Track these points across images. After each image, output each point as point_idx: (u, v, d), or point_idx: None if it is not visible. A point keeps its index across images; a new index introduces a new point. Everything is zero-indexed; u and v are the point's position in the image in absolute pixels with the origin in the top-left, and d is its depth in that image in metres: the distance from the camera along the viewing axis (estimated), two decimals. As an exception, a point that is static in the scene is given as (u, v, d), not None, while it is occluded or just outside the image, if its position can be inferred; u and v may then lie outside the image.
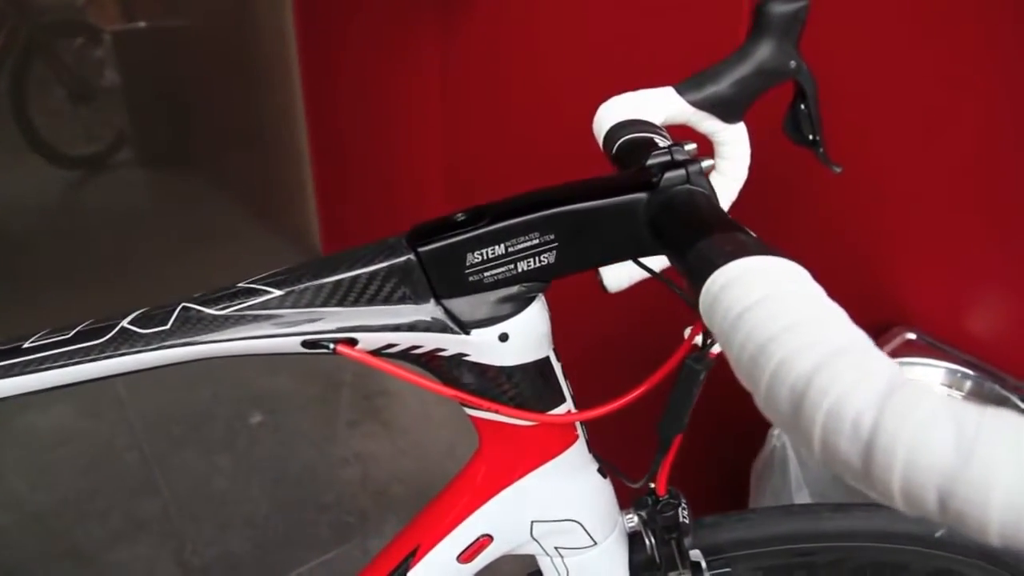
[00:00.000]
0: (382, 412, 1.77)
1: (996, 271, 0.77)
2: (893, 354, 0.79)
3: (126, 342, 0.40)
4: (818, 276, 0.28)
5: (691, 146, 0.41)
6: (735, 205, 0.58)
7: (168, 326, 0.40)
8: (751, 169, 0.57)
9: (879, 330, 0.82)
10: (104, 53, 2.77)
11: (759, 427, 0.81)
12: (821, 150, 0.55)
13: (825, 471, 0.71)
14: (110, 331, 0.41)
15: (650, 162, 0.39)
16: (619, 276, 0.59)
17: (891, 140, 0.80)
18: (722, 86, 0.53)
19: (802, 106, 0.54)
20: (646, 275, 0.60)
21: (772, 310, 0.25)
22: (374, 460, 1.62)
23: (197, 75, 2.55)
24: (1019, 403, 0.74)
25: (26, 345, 0.41)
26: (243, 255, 2.38)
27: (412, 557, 0.49)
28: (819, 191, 0.87)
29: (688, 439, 0.49)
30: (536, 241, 0.39)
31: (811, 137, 0.55)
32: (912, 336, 0.81)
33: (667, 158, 0.39)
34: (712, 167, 0.39)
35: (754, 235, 0.32)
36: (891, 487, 0.20)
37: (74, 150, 2.81)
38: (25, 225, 2.50)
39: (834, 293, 0.27)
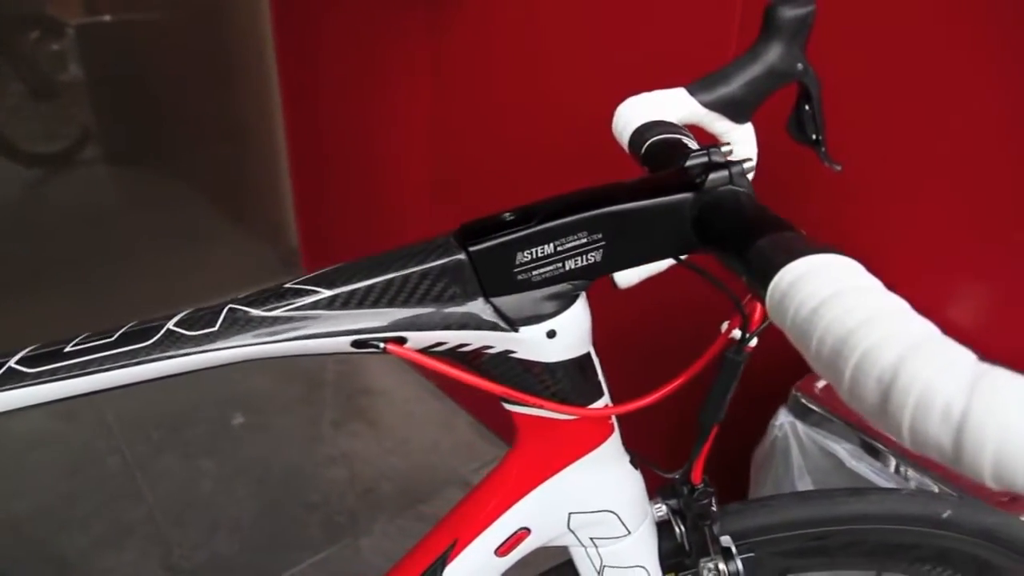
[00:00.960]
0: (366, 411, 1.76)
1: (983, 267, 0.80)
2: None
3: (173, 344, 0.40)
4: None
5: (727, 147, 0.42)
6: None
7: (216, 327, 0.40)
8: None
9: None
10: (66, 47, 2.69)
11: (758, 418, 0.84)
12: (823, 149, 0.57)
13: (825, 460, 0.74)
14: (156, 333, 0.41)
15: (690, 163, 0.41)
16: (629, 273, 0.61)
17: (885, 140, 0.83)
18: (733, 87, 0.54)
19: (806, 107, 0.56)
20: (656, 271, 0.62)
21: (847, 305, 0.27)
22: (360, 459, 1.62)
23: (167, 70, 2.49)
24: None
25: (68, 349, 0.41)
26: (216, 255, 2.34)
27: (450, 551, 0.49)
28: (811, 190, 0.90)
29: (689, 432, 0.51)
30: (584, 240, 0.40)
31: (814, 137, 0.57)
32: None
33: (705, 159, 0.40)
34: (753, 168, 0.40)
35: (803, 232, 0.34)
36: (983, 467, 0.22)
37: (35, 147, 2.73)
38: (-13, 224, 2.42)
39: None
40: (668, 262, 0.62)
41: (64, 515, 1.45)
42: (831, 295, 0.27)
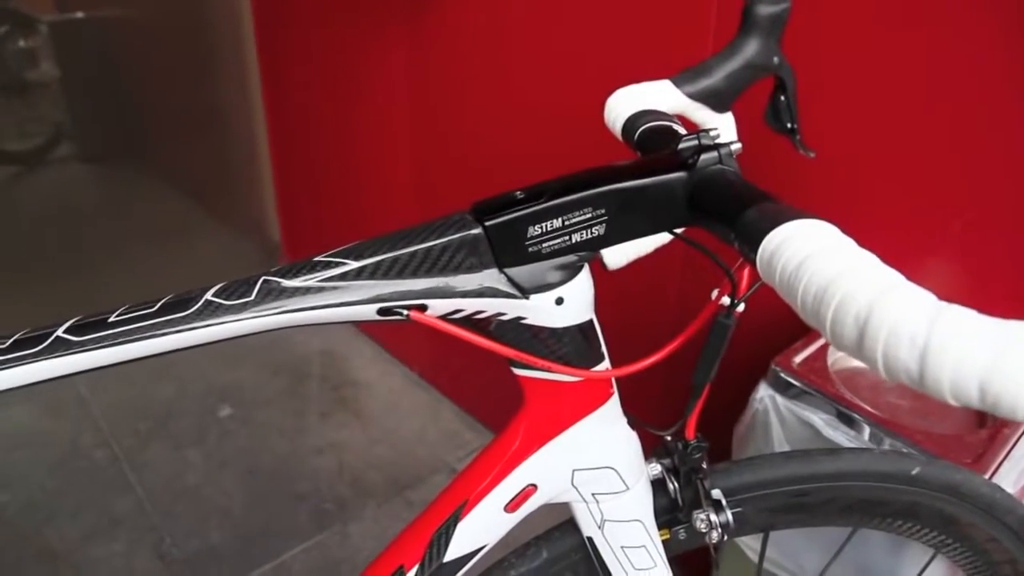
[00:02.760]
0: (351, 402, 1.79)
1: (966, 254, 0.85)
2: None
3: (213, 314, 0.43)
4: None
5: (715, 132, 0.47)
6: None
7: (252, 297, 0.43)
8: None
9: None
10: (38, 44, 2.68)
11: (739, 395, 0.88)
12: (798, 137, 0.62)
13: (803, 430, 0.79)
14: (195, 303, 0.44)
15: (682, 146, 0.45)
16: (618, 255, 0.65)
17: (857, 128, 0.88)
18: (714, 79, 0.59)
19: (782, 97, 0.61)
20: (643, 253, 0.67)
21: (826, 258, 0.31)
22: (347, 449, 1.64)
23: (143, 66, 2.49)
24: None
25: (111, 319, 0.44)
26: (196, 251, 2.35)
27: (462, 509, 0.53)
28: (793, 176, 0.95)
29: (676, 399, 0.55)
30: (589, 215, 0.44)
31: (789, 126, 0.61)
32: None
33: (696, 142, 0.45)
34: (740, 150, 0.45)
35: (791, 206, 0.39)
36: (942, 386, 0.27)
37: (6, 145, 2.71)
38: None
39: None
40: (654, 244, 0.66)
41: (52, 508, 1.45)
42: (812, 253, 0.32)
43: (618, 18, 1.09)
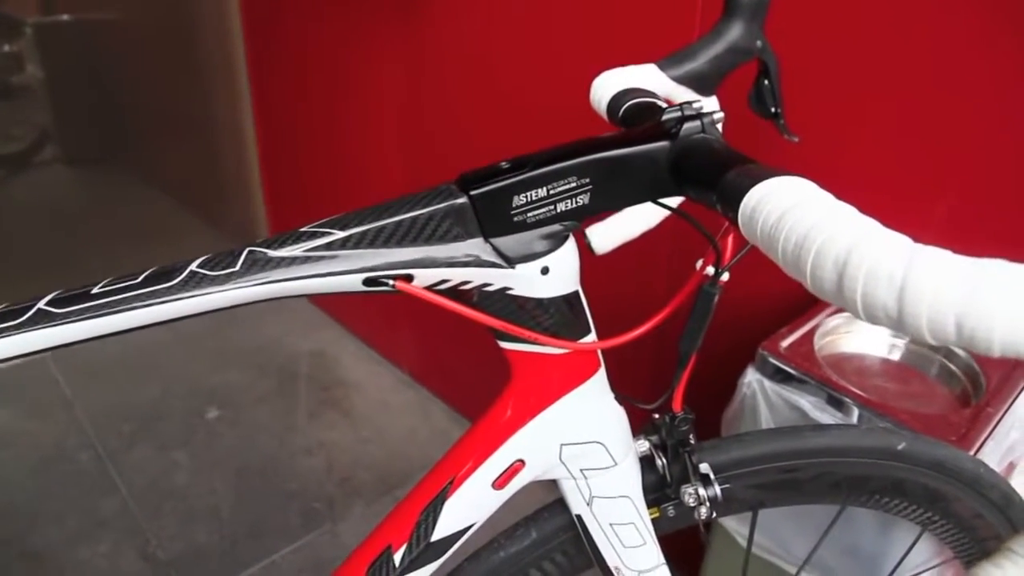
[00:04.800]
0: (341, 402, 1.78)
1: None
2: (841, 311, 0.88)
3: (197, 285, 0.43)
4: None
5: (699, 103, 0.47)
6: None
7: (237, 268, 0.43)
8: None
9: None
10: (24, 47, 2.66)
11: (727, 382, 0.89)
12: (782, 121, 0.62)
13: (791, 413, 0.79)
14: (179, 274, 0.43)
15: (666, 117, 0.45)
16: (606, 239, 0.65)
17: (837, 111, 0.89)
18: (698, 63, 0.60)
19: (765, 82, 0.61)
20: (629, 238, 0.67)
21: (805, 210, 0.32)
22: (337, 448, 1.63)
23: (130, 68, 2.48)
24: (959, 352, 0.84)
25: (95, 291, 0.43)
26: (183, 253, 2.31)
27: (449, 486, 0.53)
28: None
29: (663, 375, 0.55)
30: (574, 184, 0.44)
31: (773, 110, 0.62)
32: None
33: (679, 114, 0.45)
34: (723, 118, 0.45)
35: (771, 167, 0.39)
36: (920, 322, 0.27)
37: (-8, 149, 2.69)
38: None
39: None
40: (641, 229, 0.67)
41: (36, 511, 1.44)
42: (791, 205, 0.32)
43: (606, 4, 1.09)
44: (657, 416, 0.57)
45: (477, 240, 0.45)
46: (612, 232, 0.65)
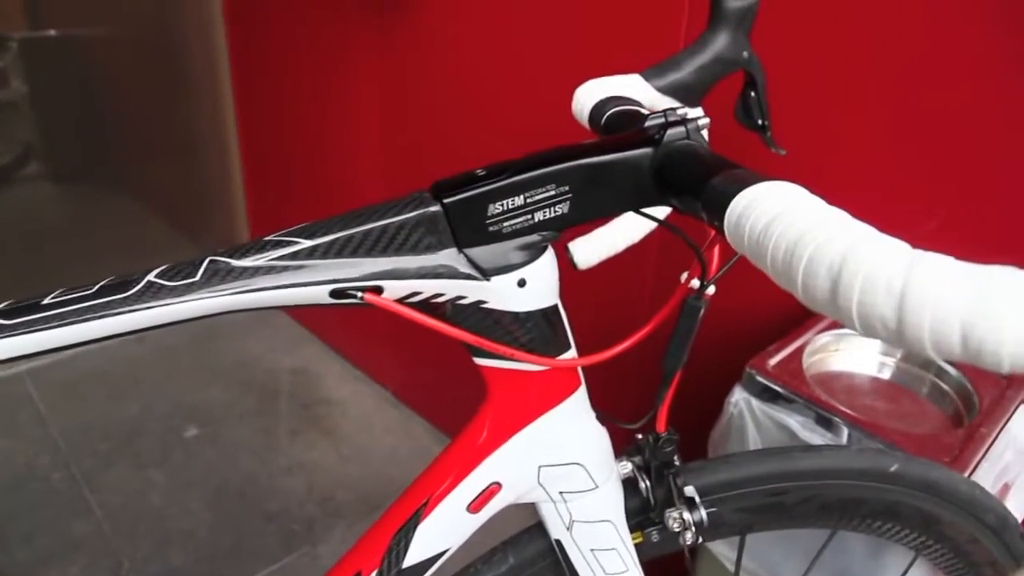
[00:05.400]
0: (323, 420, 1.74)
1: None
2: (830, 328, 0.86)
3: (154, 296, 0.41)
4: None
5: (683, 109, 0.45)
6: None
7: (198, 278, 0.41)
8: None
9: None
10: (8, 62, 2.63)
11: (714, 401, 0.87)
12: (768, 134, 0.61)
13: (780, 433, 0.77)
14: (135, 285, 0.41)
15: (649, 123, 0.44)
16: (588, 253, 0.63)
17: (827, 125, 0.88)
18: (684, 73, 0.58)
19: (752, 93, 0.60)
20: (613, 252, 0.65)
21: (795, 215, 0.30)
22: (318, 468, 1.60)
23: (115, 85, 2.46)
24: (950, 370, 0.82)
25: (45, 301, 0.41)
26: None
27: (423, 509, 0.50)
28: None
29: (648, 393, 0.53)
30: (552, 192, 0.42)
31: (759, 122, 0.60)
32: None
33: (663, 120, 0.43)
34: (708, 124, 0.43)
35: (758, 173, 0.37)
36: (922, 334, 0.25)
37: (-26, 163, 2.65)
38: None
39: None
40: (626, 243, 0.65)
41: (5, 532, 1.39)
42: (781, 212, 0.30)
43: (590, 14, 1.08)
44: (641, 437, 0.55)
45: (451, 250, 0.43)
46: (595, 246, 0.63)
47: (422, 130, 1.45)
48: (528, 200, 0.42)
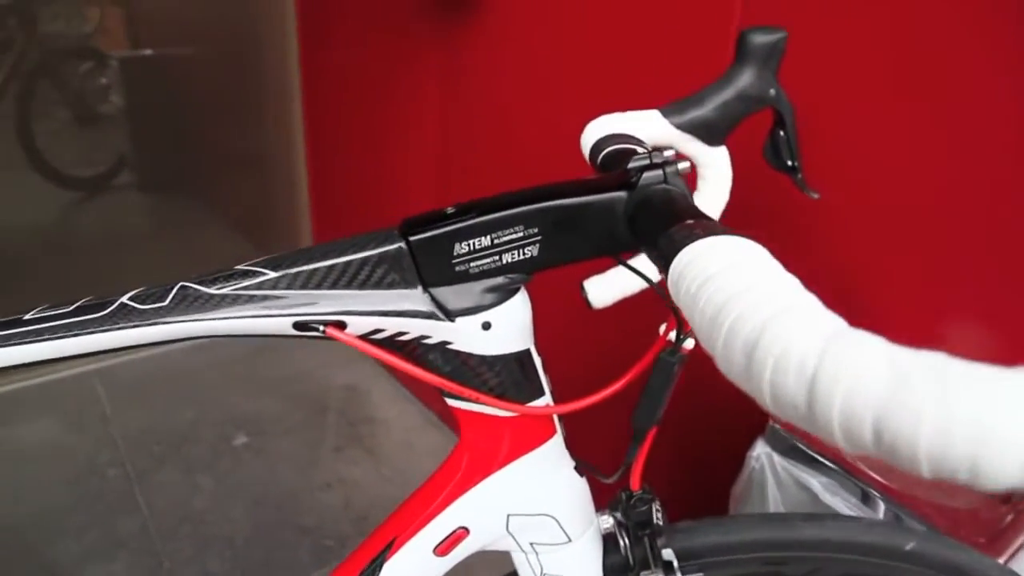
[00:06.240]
0: (367, 439, 1.76)
1: (978, 298, 0.79)
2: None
3: (125, 317, 0.42)
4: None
5: (670, 151, 0.43)
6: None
7: (166, 303, 0.42)
8: (733, 195, 0.60)
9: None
10: (110, 78, 2.82)
11: (737, 452, 0.82)
12: (799, 176, 0.58)
13: (801, 493, 0.73)
14: (110, 306, 0.42)
15: (631, 165, 0.42)
16: (604, 293, 0.61)
17: (868, 168, 0.83)
18: (705, 110, 0.56)
19: (781, 132, 0.57)
20: (631, 292, 0.63)
21: (729, 277, 0.27)
22: (357, 486, 1.61)
23: (199, 102, 2.60)
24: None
25: (27, 317, 0.43)
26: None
27: (389, 549, 0.49)
28: (799, 219, 0.90)
29: (675, 460, 0.51)
30: (521, 234, 0.41)
31: (789, 163, 0.57)
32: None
33: (647, 161, 0.41)
34: (688, 169, 0.41)
35: (723, 226, 0.35)
36: (832, 421, 0.22)
37: (75, 171, 2.84)
38: (22, 243, 2.51)
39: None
40: (640, 284, 0.62)
41: (61, 524, 1.46)
42: (716, 272, 0.28)
43: (654, 41, 1.07)
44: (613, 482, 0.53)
45: (415, 289, 0.42)
46: (610, 285, 0.61)
47: (481, 150, 1.46)
48: (495, 241, 0.41)
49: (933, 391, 0.21)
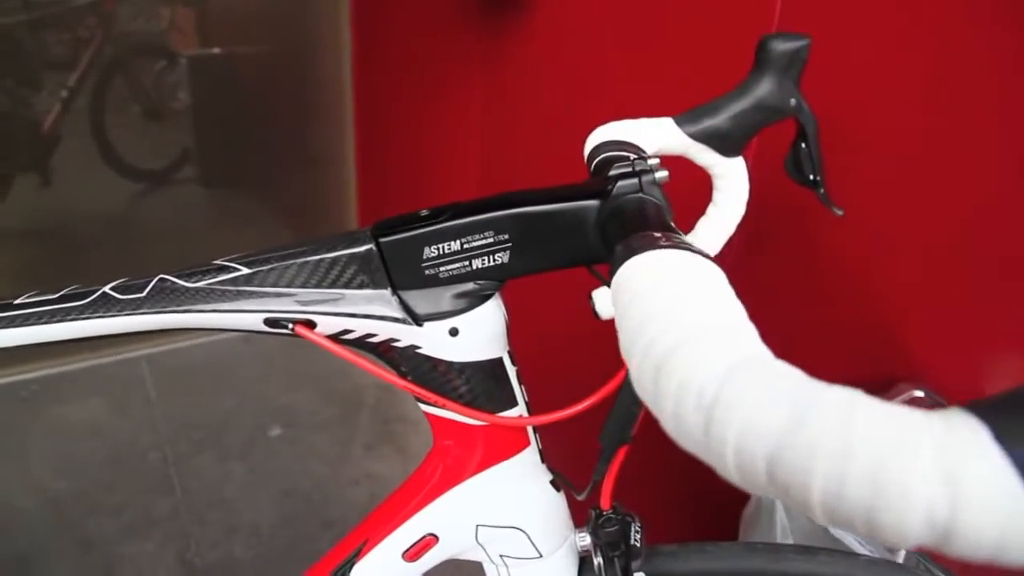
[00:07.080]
0: (398, 437, 1.78)
1: (1013, 327, 0.74)
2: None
3: (104, 306, 0.43)
4: (819, 325, 0.28)
5: (655, 160, 0.42)
6: (731, 245, 0.58)
7: (143, 294, 0.43)
8: (753, 211, 0.58)
9: (883, 385, 0.80)
10: (179, 76, 2.93)
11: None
12: (822, 191, 0.55)
13: (810, 523, 0.69)
14: (92, 295, 0.43)
15: (612, 173, 0.41)
16: (610, 303, 0.60)
17: (899, 186, 0.80)
18: (720, 119, 0.53)
19: (803, 145, 0.54)
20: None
21: (655, 295, 0.26)
22: (384, 482, 1.63)
23: (257, 100, 2.68)
24: None
25: (16, 302, 0.44)
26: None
27: (360, 551, 0.49)
28: (823, 236, 0.86)
29: (685, 481, 0.49)
30: (491, 240, 0.40)
31: (812, 177, 0.55)
32: (919, 393, 0.78)
33: (628, 169, 0.40)
34: (667, 178, 0.40)
35: (686, 238, 0.33)
36: (726, 455, 0.21)
37: (142, 164, 2.96)
38: (91, 231, 2.63)
39: (836, 345, 0.27)
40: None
41: (99, 501, 1.52)
42: (643, 290, 0.27)
43: (687, 52, 1.04)
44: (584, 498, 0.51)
45: (384, 291, 0.42)
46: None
47: (516, 141, 1.46)
48: (465, 246, 0.41)
49: (833, 428, 0.19)
